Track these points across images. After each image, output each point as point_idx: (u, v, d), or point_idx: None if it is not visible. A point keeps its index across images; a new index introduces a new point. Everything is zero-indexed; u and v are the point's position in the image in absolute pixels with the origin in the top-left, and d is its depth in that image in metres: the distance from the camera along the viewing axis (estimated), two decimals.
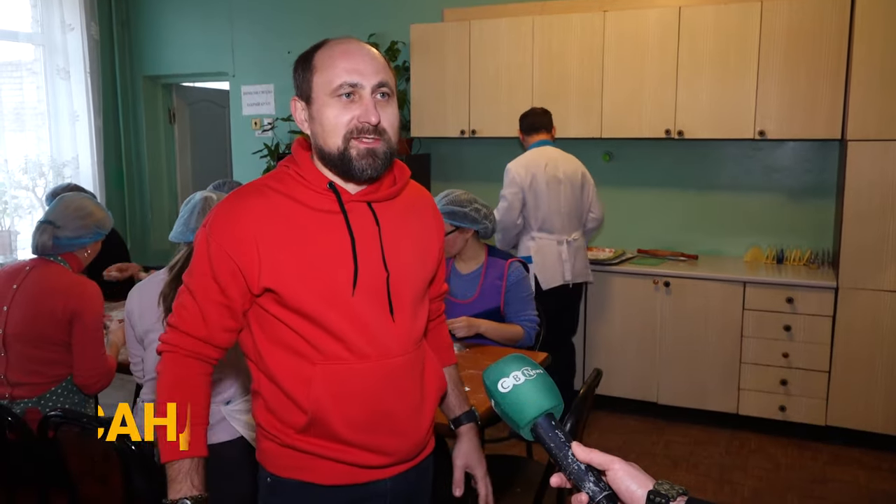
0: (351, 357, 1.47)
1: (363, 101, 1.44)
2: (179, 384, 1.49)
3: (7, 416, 2.31)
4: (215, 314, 1.48)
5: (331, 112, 1.44)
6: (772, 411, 4.18)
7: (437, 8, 5.27)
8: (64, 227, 2.67)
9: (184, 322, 1.49)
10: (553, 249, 4.05)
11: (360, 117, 1.43)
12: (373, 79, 1.44)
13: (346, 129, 1.44)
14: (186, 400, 1.48)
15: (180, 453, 1.45)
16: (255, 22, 5.94)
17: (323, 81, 1.45)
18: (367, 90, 1.44)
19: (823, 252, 4.47)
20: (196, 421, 1.48)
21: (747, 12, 4.17)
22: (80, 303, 2.59)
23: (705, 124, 4.34)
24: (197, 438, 1.47)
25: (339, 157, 1.45)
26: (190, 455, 1.45)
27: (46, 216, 2.71)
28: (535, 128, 4.11)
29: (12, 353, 2.61)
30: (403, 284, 1.53)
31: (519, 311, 3.02)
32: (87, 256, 2.79)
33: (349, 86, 1.43)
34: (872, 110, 3.83)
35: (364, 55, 1.46)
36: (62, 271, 2.67)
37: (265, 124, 5.96)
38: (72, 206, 2.72)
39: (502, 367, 1.05)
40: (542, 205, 4.02)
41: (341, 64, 1.44)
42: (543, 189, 3.99)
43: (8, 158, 5.37)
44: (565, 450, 0.98)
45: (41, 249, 2.67)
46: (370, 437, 1.50)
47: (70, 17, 5.65)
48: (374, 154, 1.45)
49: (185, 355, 1.50)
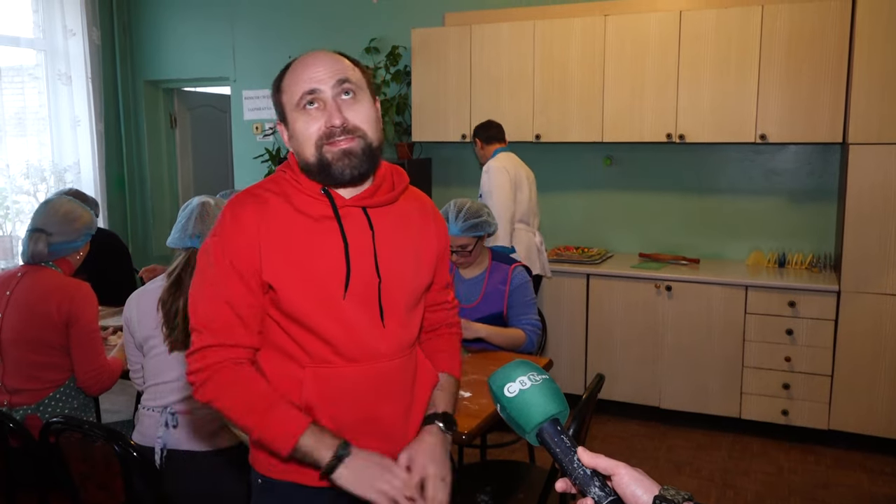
0: (339, 360, 1.48)
1: (326, 105, 1.45)
2: (244, 391, 1.45)
3: (9, 423, 2.31)
4: (253, 315, 1.48)
5: (300, 125, 1.47)
6: (774, 415, 4.17)
7: (439, 12, 5.28)
8: (57, 234, 2.65)
9: (224, 335, 1.46)
10: (531, 239, 4.38)
11: (326, 122, 1.45)
12: (329, 80, 1.45)
13: (317, 137, 1.45)
14: (255, 397, 1.44)
15: (292, 436, 1.40)
16: (257, 26, 5.96)
17: (288, 98, 1.48)
18: (327, 93, 1.45)
19: (825, 256, 4.47)
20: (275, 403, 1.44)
21: (748, 16, 4.18)
22: (75, 305, 2.58)
23: (706, 128, 4.34)
24: (290, 415, 1.43)
25: (317, 165, 1.47)
26: (300, 432, 1.41)
27: (35, 224, 2.67)
28: (496, 138, 4.46)
29: (9, 359, 2.59)
30: (396, 290, 1.54)
31: (521, 314, 3.02)
32: (79, 259, 2.78)
33: (308, 94, 1.45)
34: (874, 114, 3.83)
35: (319, 61, 1.48)
36: (54, 275, 2.65)
37: (266, 129, 5.96)
38: (60, 211, 2.69)
39: (509, 372, 1.05)
40: (524, 199, 4.34)
41: (300, 76, 1.47)
42: (524, 185, 4.34)
43: (10, 163, 5.37)
44: (571, 455, 0.98)
45: (37, 258, 2.65)
46: (358, 439, 1.50)
47: (72, 22, 5.66)
48: (350, 153, 1.46)
49: (233, 364, 1.46)
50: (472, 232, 2.97)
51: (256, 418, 1.42)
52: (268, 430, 1.41)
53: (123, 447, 2.00)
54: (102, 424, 2.38)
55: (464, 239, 2.97)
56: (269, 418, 1.42)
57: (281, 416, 1.42)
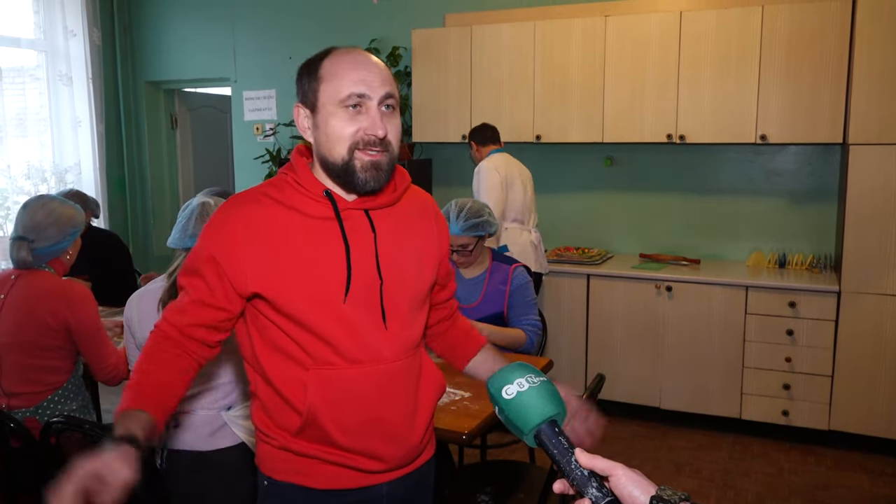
0: (341, 362, 1.48)
1: (370, 112, 1.44)
2: (152, 359, 1.47)
3: (9, 423, 2.31)
4: (194, 309, 1.48)
5: (337, 122, 1.44)
6: (775, 416, 4.17)
7: (439, 13, 5.28)
8: (38, 240, 2.59)
9: (168, 310, 1.51)
10: (525, 236, 4.38)
11: (367, 129, 1.43)
12: (380, 90, 1.44)
13: (352, 140, 1.43)
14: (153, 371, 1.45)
15: (124, 407, 1.39)
16: (257, 27, 5.96)
17: (330, 91, 1.44)
18: (374, 101, 1.44)
19: (826, 256, 4.47)
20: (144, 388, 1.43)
21: (748, 17, 4.18)
22: (73, 308, 2.56)
23: (707, 129, 4.35)
24: (147, 400, 1.42)
25: (342, 167, 1.45)
26: (131, 408, 1.39)
27: (17, 231, 2.61)
28: (492, 140, 4.48)
29: (6, 363, 2.57)
30: (398, 292, 1.54)
31: (521, 315, 3.02)
32: (70, 258, 2.73)
33: (357, 96, 1.43)
34: (874, 114, 3.83)
35: (372, 66, 1.46)
36: (48, 277, 2.61)
37: (267, 129, 5.97)
38: (37, 216, 2.61)
39: (507, 374, 1.06)
40: (516, 199, 4.35)
41: (349, 74, 1.43)
42: (517, 184, 4.35)
43: (10, 164, 5.38)
44: (568, 456, 0.98)
45: (23, 265, 2.61)
46: (363, 441, 1.50)
47: (72, 23, 5.67)
48: (378, 166, 1.45)
49: (165, 337, 1.49)
50: (472, 232, 2.98)
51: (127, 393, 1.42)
52: (125, 397, 1.42)
53: None
54: (103, 424, 2.38)
55: (464, 238, 2.97)
56: (130, 388, 1.43)
57: (133, 394, 1.41)
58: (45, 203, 2.69)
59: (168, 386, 1.45)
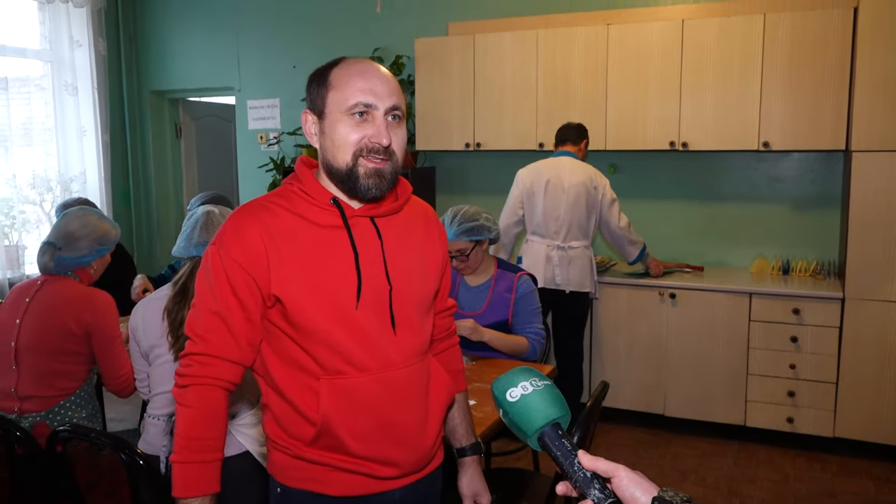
0: (352, 370, 1.48)
1: (376, 121, 1.46)
2: (207, 420, 1.48)
3: (16, 431, 2.32)
4: (243, 331, 1.48)
5: (343, 129, 1.47)
6: (779, 423, 4.16)
7: (442, 22, 5.31)
8: (64, 248, 2.66)
9: (214, 347, 1.48)
10: (542, 251, 4.22)
11: (372, 137, 1.46)
12: (387, 101, 1.47)
13: (357, 147, 1.46)
14: (211, 437, 1.48)
15: (195, 492, 1.45)
16: (261, 37, 5.99)
17: (338, 98, 1.47)
18: (380, 111, 1.47)
19: (829, 263, 4.47)
20: (216, 456, 1.49)
21: (750, 25, 4.19)
22: (94, 315, 2.61)
23: (709, 136, 4.35)
24: (213, 475, 1.48)
25: (346, 173, 1.47)
26: (204, 493, 1.46)
27: (49, 236, 2.70)
28: (562, 139, 4.34)
29: (24, 365, 2.61)
30: (406, 297, 1.55)
31: (525, 323, 3.03)
32: (95, 272, 2.80)
33: (364, 105, 1.45)
34: (877, 121, 3.84)
35: (380, 77, 1.49)
36: (73, 285, 2.68)
37: (271, 138, 5.99)
38: (74, 223, 2.69)
39: (511, 378, 1.07)
40: (537, 209, 4.22)
41: (357, 83, 1.46)
42: (541, 195, 4.19)
43: (16, 173, 5.41)
44: (571, 458, 0.99)
45: (44, 270, 2.68)
46: (376, 448, 1.51)
47: (78, 33, 5.71)
48: (381, 174, 1.47)
49: (214, 386, 1.48)
50: (467, 236, 2.98)
51: (187, 455, 1.46)
52: (183, 470, 1.46)
53: (130, 456, 2.01)
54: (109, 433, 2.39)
55: (460, 243, 2.98)
56: (192, 462, 1.46)
57: (199, 471, 1.46)
58: (83, 214, 2.75)
59: (222, 441, 1.52)
